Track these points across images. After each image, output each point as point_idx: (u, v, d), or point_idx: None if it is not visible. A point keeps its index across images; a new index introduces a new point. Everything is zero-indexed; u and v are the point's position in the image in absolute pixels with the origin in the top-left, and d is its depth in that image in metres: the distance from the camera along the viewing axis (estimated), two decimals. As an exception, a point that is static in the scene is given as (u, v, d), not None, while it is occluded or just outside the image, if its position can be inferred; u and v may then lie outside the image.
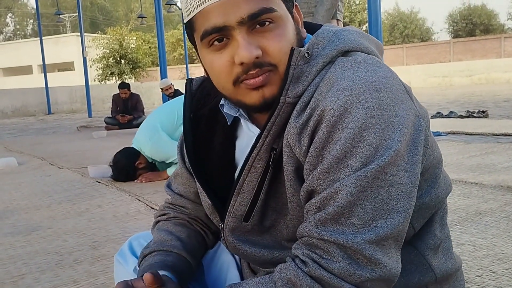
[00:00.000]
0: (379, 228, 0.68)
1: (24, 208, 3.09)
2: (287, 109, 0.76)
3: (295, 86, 0.76)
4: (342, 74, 0.74)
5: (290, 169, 0.76)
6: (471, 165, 3.55)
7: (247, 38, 0.74)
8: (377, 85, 0.71)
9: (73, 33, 34.30)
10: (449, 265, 0.87)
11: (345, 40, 0.80)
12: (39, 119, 15.05)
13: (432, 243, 0.84)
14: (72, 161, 5.08)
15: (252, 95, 0.78)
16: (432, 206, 0.83)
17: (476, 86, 20.22)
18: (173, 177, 1.04)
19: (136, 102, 9.46)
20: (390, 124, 0.69)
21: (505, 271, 1.65)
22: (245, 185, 0.82)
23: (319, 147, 0.71)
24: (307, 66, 0.76)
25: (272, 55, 0.76)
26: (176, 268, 0.90)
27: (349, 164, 0.69)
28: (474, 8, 36.15)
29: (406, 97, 0.75)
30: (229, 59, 0.76)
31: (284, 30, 0.77)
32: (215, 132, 0.92)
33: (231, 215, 0.85)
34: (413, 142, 0.72)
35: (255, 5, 0.74)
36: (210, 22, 0.75)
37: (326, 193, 0.70)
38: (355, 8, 33.91)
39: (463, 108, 8.82)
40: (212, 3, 0.74)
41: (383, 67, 0.77)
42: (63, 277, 1.89)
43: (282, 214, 0.83)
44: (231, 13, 0.73)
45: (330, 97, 0.71)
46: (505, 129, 5.40)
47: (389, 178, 0.69)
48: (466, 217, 2.30)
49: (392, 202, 0.69)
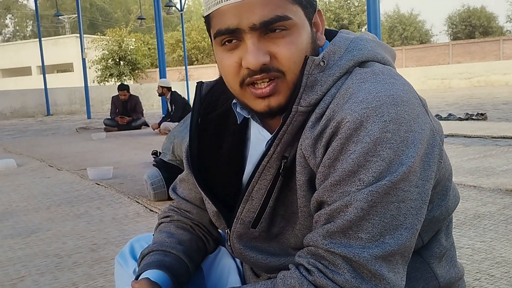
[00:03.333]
0: (386, 244, 0.68)
1: (23, 210, 3.09)
2: (300, 118, 0.75)
3: (309, 95, 0.75)
4: (360, 86, 0.73)
5: (304, 179, 0.76)
6: (470, 168, 3.55)
7: (257, 43, 0.74)
8: (394, 99, 0.70)
9: (72, 35, 34.23)
10: (452, 273, 0.87)
11: (363, 50, 0.79)
12: (38, 120, 15.04)
13: (438, 252, 0.84)
14: (71, 162, 5.08)
15: (258, 102, 0.78)
16: (441, 219, 0.83)
17: (475, 88, 20.24)
18: (179, 182, 1.03)
19: (135, 104, 9.46)
20: (405, 139, 0.69)
21: (503, 274, 1.65)
22: (255, 192, 0.82)
23: (332, 158, 0.70)
24: (322, 75, 0.76)
25: (281, 62, 0.75)
26: (172, 269, 0.90)
27: (361, 178, 0.68)
28: (474, 10, 36.21)
29: (422, 111, 0.74)
30: (238, 60, 0.76)
31: (297, 38, 0.75)
32: (224, 137, 0.91)
33: (239, 222, 0.85)
34: (426, 157, 0.72)
35: (269, 12, 0.73)
36: (224, 23, 0.75)
37: (336, 205, 0.69)
38: (354, 10, 33.94)
39: (462, 111, 8.83)
40: (228, 4, 0.74)
41: (400, 79, 0.76)
42: (62, 279, 1.89)
43: (290, 222, 0.82)
44: (244, 17, 0.73)
45: (346, 109, 0.70)
46: (503, 132, 5.41)
47: (400, 194, 0.68)
48: (464, 220, 2.30)
49: (401, 218, 0.69)
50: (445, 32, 39.53)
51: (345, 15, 33.32)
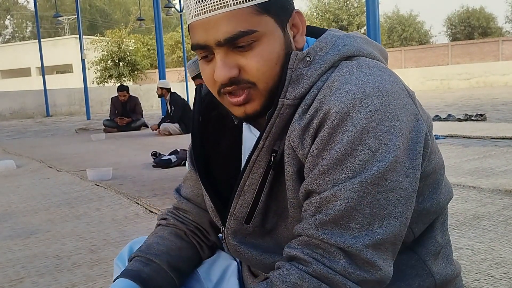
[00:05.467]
0: (375, 233, 0.70)
1: (23, 211, 3.08)
2: (286, 111, 0.77)
3: (294, 88, 0.77)
4: (346, 78, 0.75)
5: (292, 170, 0.77)
6: (469, 169, 3.56)
7: (224, 58, 0.77)
8: (379, 90, 0.72)
9: (71, 36, 34.23)
10: (448, 271, 0.87)
11: (348, 45, 0.81)
12: (38, 121, 15.03)
13: (433, 249, 0.85)
14: (71, 163, 5.08)
15: (235, 109, 0.81)
16: (432, 212, 0.84)
17: (474, 89, 20.26)
18: (183, 181, 1.05)
19: (134, 105, 9.47)
20: (391, 128, 0.70)
21: (503, 275, 1.66)
22: (246, 186, 0.83)
23: (319, 148, 0.72)
24: (308, 69, 0.77)
25: (250, 73, 0.77)
26: (148, 281, 0.89)
27: (348, 166, 0.70)
28: (473, 11, 36.28)
29: (408, 101, 0.76)
30: (212, 72, 0.79)
31: (266, 48, 0.76)
32: (223, 135, 0.94)
33: (232, 217, 0.86)
34: (413, 147, 0.73)
35: (233, 28, 0.74)
36: (195, 38, 0.79)
37: (326, 195, 0.71)
38: (353, 11, 33.97)
39: (461, 111, 8.84)
40: (197, 20, 0.77)
41: (386, 71, 0.78)
42: (61, 281, 1.89)
43: (283, 217, 0.83)
44: (210, 34, 0.76)
45: (333, 100, 0.72)
46: (503, 133, 5.41)
47: (389, 184, 0.70)
48: (464, 221, 2.31)
49: (390, 207, 0.71)
50: (444, 33, 39.63)
51: (344, 16, 33.36)
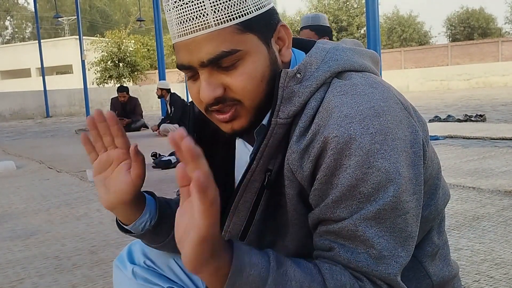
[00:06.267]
0: (401, 258, 0.71)
1: (23, 212, 3.09)
2: (280, 130, 0.76)
3: (287, 107, 0.76)
4: (341, 99, 0.74)
5: (293, 193, 0.77)
6: (469, 170, 3.56)
7: (208, 78, 0.76)
8: (376, 110, 0.72)
9: (71, 36, 34.23)
10: (446, 272, 0.87)
11: (339, 60, 0.80)
12: (38, 122, 15.03)
13: (430, 250, 0.85)
14: (71, 164, 5.08)
15: (223, 125, 0.81)
16: (431, 219, 0.84)
17: (474, 90, 20.27)
18: None
19: (134, 106, 9.47)
20: (394, 148, 0.71)
21: (502, 276, 1.66)
22: (240, 205, 0.82)
23: (327, 174, 0.71)
24: (299, 87, 0.76)
25: (236, 92, 0.77)
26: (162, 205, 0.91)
27: (362, 191, 0.70)
28: (472, 12, 36.29)
29: (404, 114, 0.75)
30: (198, 91, 0.79)
31: (251, 66, 0.76)
32: (216, 150, 0.93)
33: (227, 234, 0.86)
34: (416, 161, 0.74)
35: (215, 49, 0.73)
36: (179, 59, 0.78)
37: (345, 224, 0.71)
38: (353, 12, 33.99)
39: (461, 112, 8.84)
40: (180, 41, 0.76)
41: (379, 86, 0.77)
42: (62, 281, 1.89)
43: (280, 235, 0.83)
44: (193, 55, 0.75)
45: (332, 125, 0.71)
46: (502, 133, 5.42)
47: (405, 206, 0.71)
48: (463, 222, 2.31)
49: (408, 228, 0.72)
50: (444, 34, 39.64)
51: (344, 16, 33.36)
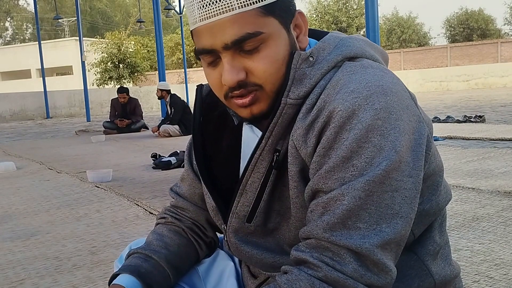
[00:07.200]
0: (384, 233, 0.70)
1: (23, 212, 3.09)
2: (289, 110, 0.77)
3: (298, 87, 0.77)
4: (350, 77, 0.75)
5: (295, 170, 0.78)
6: (468, 170, 3.57)
7: (231, 61, 0.77)
8: (384, 89, 0.72)
9: (71, 38, 34.27)
10: (447, 271, 0.88)
11: (351, 46, 0.82)
12: (38, 123, 15.04)
13: (432, 249, 0.86)
14: (71, 165, 5.09)
15: (241, 110, 0.82)
16: (432, 213, 0.84)
17: (473, 91, 20.27)
18: (180, 180, 1.05)
19: (134, 107, 9.47)
20: (395, 127, 0.71)
21: (502, 276, 1.66)
22: (248, 185, 0.83)
23: (326, 147, 0.72)
24: (311, 69, 0.78)
25: (258, 76, 0.78)
26: (146, 276, 0.90)
27: (355, 164, 0.70)
28: (471, 13, 36.34)
29: (411, 102, 0.77)
30: (219, 76, 0.79)
31: (272, 50, 0.77)
32: (223, 134, 0.95)
33: (234, 216, 0.87)
34: (416, 147, 0.74)
35: (239, 30, 0.75)
36: (201, 43, 0.79)
37: (333, 194, 0.71)
38: (353, 13, 34.01)
39: (460, 113, 8.85)
40: (203, 24, 0.77)
41: (389, 73, 0.79)
42: (62, 282, 1.89)
43: (285, 217, 0.84)
44: (217, 38, 0.76)
45: (338, 99, 0.72)
46: (502, 134, 5.42)
47: (394, 183, 0.70)
48: (463, 222, 2.31)
49: (396, 207, 0.71)
50: (443, 35, 39.68)
51: (344, 18, 33.40)
